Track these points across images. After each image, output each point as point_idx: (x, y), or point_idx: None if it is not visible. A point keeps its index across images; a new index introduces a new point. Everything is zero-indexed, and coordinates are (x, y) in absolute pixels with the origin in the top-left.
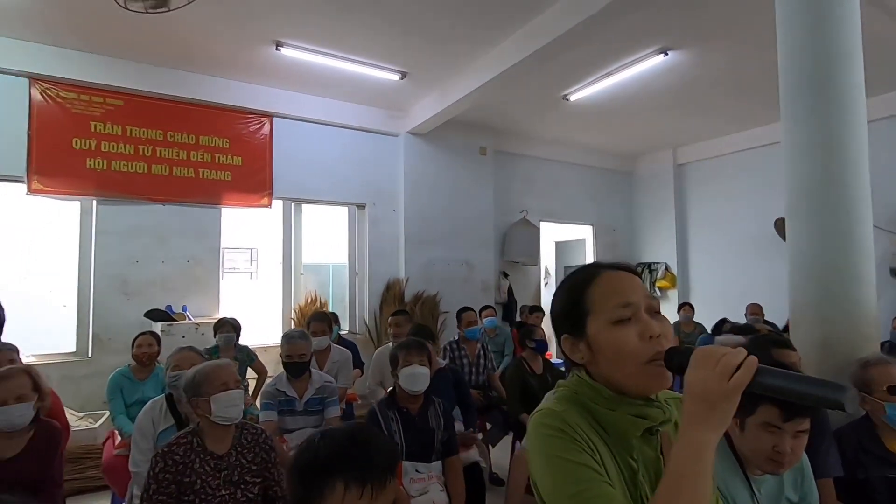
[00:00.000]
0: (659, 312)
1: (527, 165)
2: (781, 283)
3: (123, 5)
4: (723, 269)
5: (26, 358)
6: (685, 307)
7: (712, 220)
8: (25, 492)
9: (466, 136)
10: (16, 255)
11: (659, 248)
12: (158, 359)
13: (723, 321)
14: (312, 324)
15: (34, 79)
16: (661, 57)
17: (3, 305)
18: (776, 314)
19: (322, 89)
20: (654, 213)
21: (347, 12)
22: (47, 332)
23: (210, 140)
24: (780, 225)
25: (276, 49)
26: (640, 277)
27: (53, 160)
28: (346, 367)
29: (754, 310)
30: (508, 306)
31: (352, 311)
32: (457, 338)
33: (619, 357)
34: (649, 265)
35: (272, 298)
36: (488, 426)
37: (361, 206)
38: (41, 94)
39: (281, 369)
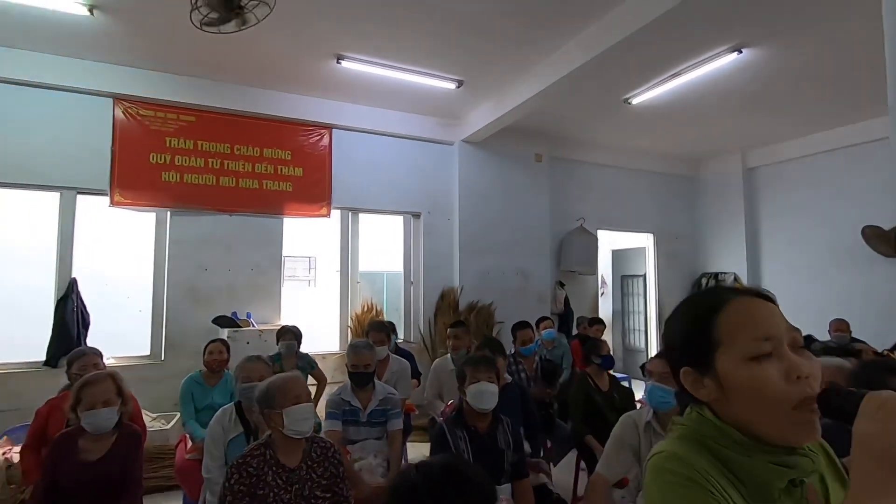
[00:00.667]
0: (803, 348)
1: (584, 171)
2: (870, 297)
3: (199, 27)
4: (800, 282)
5: (107, 360)
6: None
7: (787, 228)
8: (110, 492)
9: (521, 143)
10: (100, 264)
11: (727, 258)
12: (227, 365)
13: (809, 339)
14: (371, 333)
15: (117, 98)
16: (733, 55)
17: (89, 310)
18: (865, 331)
19: (379, 100)
20: (722, 220)
21: (409, 24)
22: (125, 335)
23: (273, 152)
24: (869, 233)
25: (337, 62)
26: (778, 305)
27: (133, 174)
28: (404, 377)
29: (840, 326)
30: (565, 317)
31: (406, 320)
32: (513, 351)
33: (760, 400)
34: (716, 275)
35: (329, 306)
36: (548, 443)
37: (416, 215)
38: (123, 113)
39: (339, 377)
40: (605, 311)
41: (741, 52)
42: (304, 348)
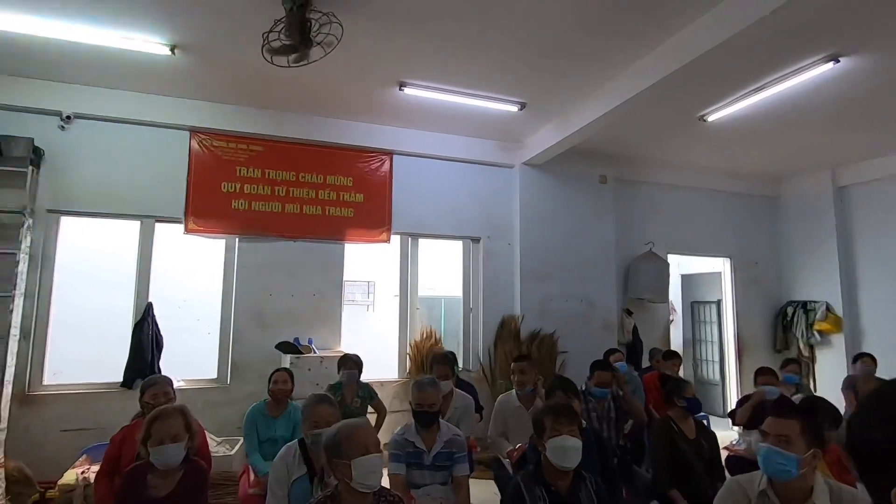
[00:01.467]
0: None
1: (652, 193)
2: None
3: (270, 60)
4: None
5: (177, 382)
6: (865, 359)
7: (887, 252)
8: None
9: (585, 165)
10: (173, 287)
11: (816, 285)
12: (291, 395)
13: None
14: (436, 367)
15: (194, 131)
16: (829, 65)
17: (162, 333)
18: None
19: (439, 124)
20: (809, 244)
21: (472, 49)
22: (194, 357)
23: (335, 179)
24: None
25: (400, 89)
26: None
27: (205, 203)
28: (468, 414)
29: None
30: (634, 348)
31: (465, 348)
32: (584, 388)
33: None
34: (804, 304)
35: (388, 331)
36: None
37: (476, 240)
38: (198, 145)
39: (398, 405)
40: (675, 339)
41: (838, 60)
42: (363, 376)
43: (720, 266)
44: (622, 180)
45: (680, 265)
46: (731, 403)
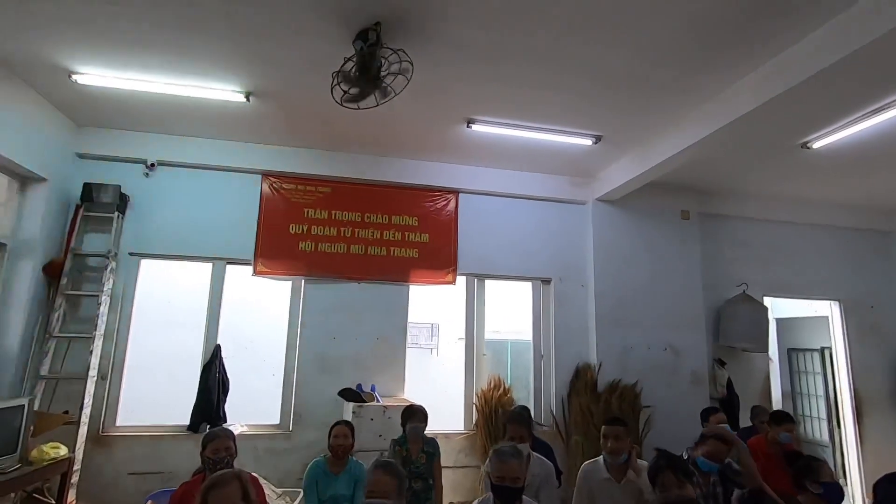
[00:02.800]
0: None
1: (743, 229)
2: None
3: (340, 102)
4: None
5: (240, 428)
6: None
7: None
8: None
9: (664, 199)
10: (241, 327)
11: None
12: (352, 451)
13: None
14: (510, 426)
15: (265, 174)
16: None
17: (229, 374)
18: None
19: (507, 161)
20: None
21: (544, 82)
22: (258, 398)
23: (401, 219)
24: None
25: (468, 126)
26: None
27: (274, 244)
28: (548, 483)
29: None
30: (729, 403)
31: (537, 399)
32: (686, 457)
33: None
34: None
35: (452, 376)
36: None
37: (546, 282)
38: (269, 188)
39: (464, 460)
40: (777, 395)
41: None
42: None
43: (825, 310)
44: (707, 215)
45: (773, 308)
46: (850, 470)
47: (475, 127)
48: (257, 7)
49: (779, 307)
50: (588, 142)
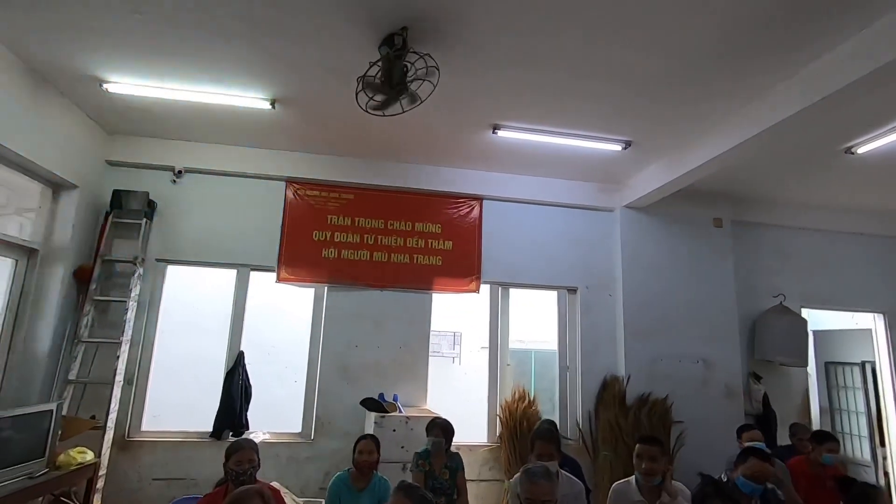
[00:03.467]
0: None
1: (779, 237)
2: None
3: (364, 109)
4: None
5: (263, 435)
6: None
7: None
8: None
9: (696, 206)
10: (264, 333)
11: None
12: (377, 466)
13: None
14: (538, 444)
15: (289, 181)
16: None
17: (252, 380)
18: None
19: (532, 167)
20: None
21: (573, 88)
22: (280, 406)
23: (424, 226)
24: None
25: (493, 132)
26: None
27: (297, 251)
28: (578, 502)
29: None
30: (766, 420)
31: (562, 412)
32: (724, 478)
33: None
34: None
35: (475, 386)
36: None
37: (573, 290)
38: (293, 194)
39: (487, 474)
40: (816, 412)
41: None
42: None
43: (866, 322)
44: (740, 223)
45: (809, 320)
46: (895, 491)
47: (501, 133)
48: (283, 13)
49: (815, 319)
50: (617, 147)
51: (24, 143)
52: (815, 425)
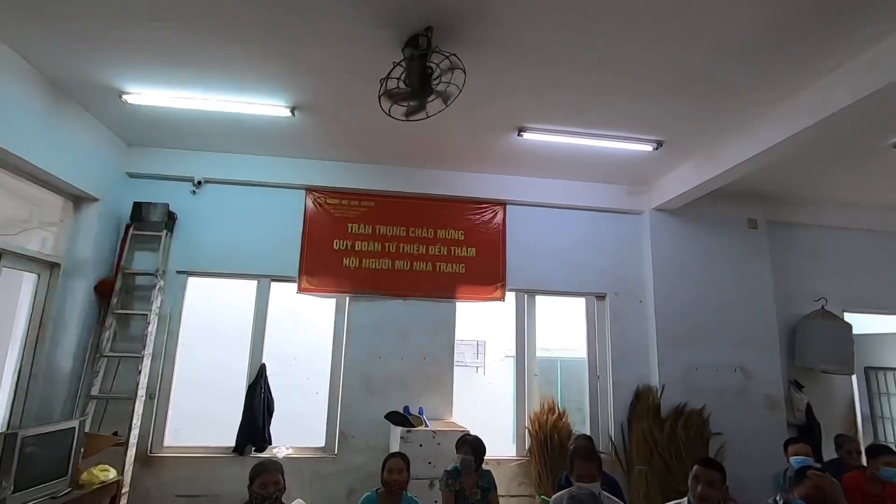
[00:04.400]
0: None
1: (817, 238)
2: None
3: (387, 112)
4: None
5: (286, 450)
6: None
7: None
8: None
9: (729, 207)
10: (286, 344)
11: None
12: (407, 486)
13: None
14: (578, 463)
15: (309, 189)
16: None
17: (273, 392)
18: None
19: (558, 170)
20: None
21: (605, 83)
22: (303, 418)
23: (446, 233)
24: None
25: (518, 135)
26: None
27: (318, 261)
28: None
29: None
30: (809, 432)
31: (593, 424)
32: (781, 501)
33: None
34: None
35: (500, 396)
36: None
37: (601, 297)
38: (313, 203)
39: (516, 489)
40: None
41: None
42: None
43: None
44: (776, 223)
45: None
46: None
47: (526, 135)
48: (301, 17)
49: (853, 322)
50: (648, 148)
51: (46, 157)
52: (860, 435)
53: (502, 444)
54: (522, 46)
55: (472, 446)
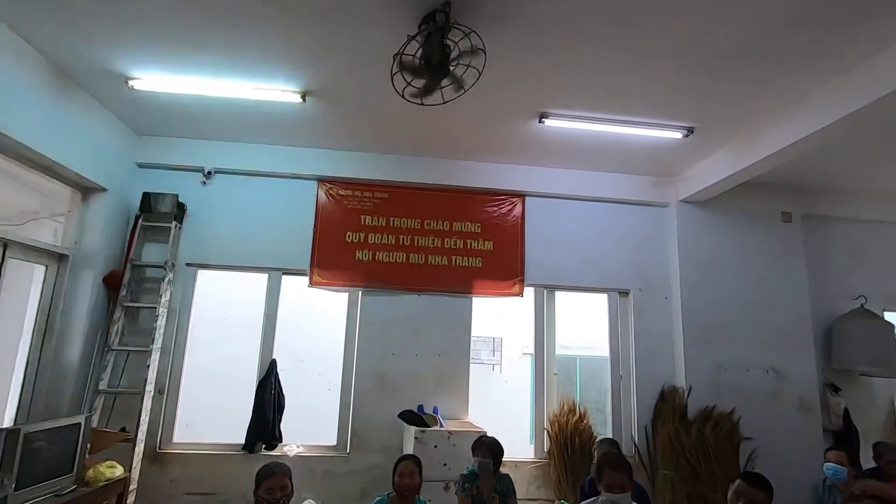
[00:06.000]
0: None
1: (856, 233)
2: None
3: (401, 93)
4: None
5: (296, 448)
6: None
7: None
8: None
9: (761, 200)
10: (297, 339)
11: None
12: (420, 491)
13: None
14: (608, 472)
15: (321, 180)
16: None
17: (284, 386)
18: None
19: (580, 160)
20: None
21: (634, 64)
22: (315, 415)
23: (462, 225)
24: None
25: (539, 122)
26: None
27: (330, 254)
28: None
29: None
30: (847, 438)
31: (616, 426)
32: None
33: None
34: None
35: (517, 394)
36: None
37: (624, 293)
38: (325, 194)
39: (535, 493)
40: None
41: None
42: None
43: None
44: (812, 217)
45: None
46: None
47: (548, 122)
48: None
49: (895, 322)
50: (678, 135)
51: (54, 146)
52: None
53: (520, 445)
54: (545, 24)
55: (489, 448)
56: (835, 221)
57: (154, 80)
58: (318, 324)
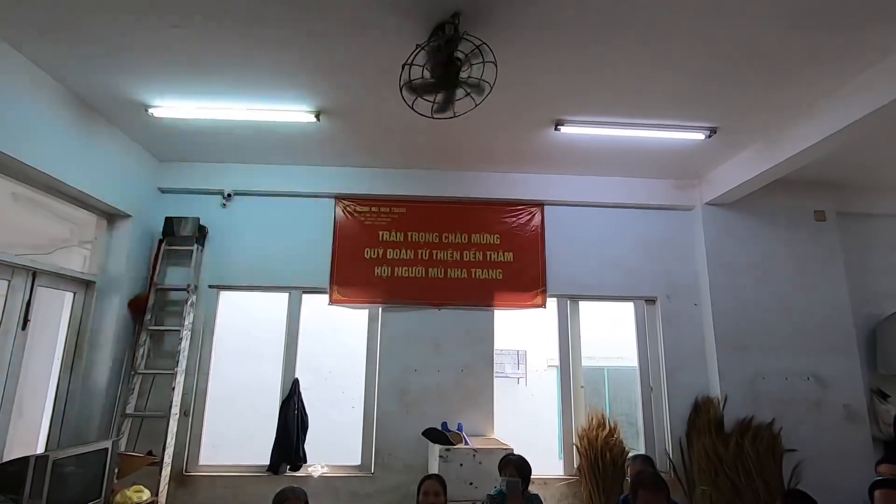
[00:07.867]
0: None
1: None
2: None
3: (411, 105)
4: None
5: (321, 468)
6: None
7: None
8: None
9: (791, 199)
10: (320, 357)
11: None
12: None
13: None
14: (643, 493)
15: (338, 198)
16: None
17: (308, 406)
18: None
19: (598, 166)
20: None
21: (651, 64)
22: (339, 434)
23: (481, 237)
24: None
25: (556, 129)
26: None
27: (349, 271)
28: None
29: None
30: None
31: (648, 440)
32: None
33: None
34: None
35: (543, 409)
36: None
37: (651, 301)
38: (343, 211)
39: None
40: None
41: None
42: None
43: None
44: (848, 214)
45: None
46: None
47: (564, 129)
48: (322, 13)
49: None
50: (700, 136)
51: (78, 175)
52: None
53: (548, 460)
54: (558, 27)
55: (516, 467)
56: (874, 218)
57: (173, 107)
58: (340, 340)
